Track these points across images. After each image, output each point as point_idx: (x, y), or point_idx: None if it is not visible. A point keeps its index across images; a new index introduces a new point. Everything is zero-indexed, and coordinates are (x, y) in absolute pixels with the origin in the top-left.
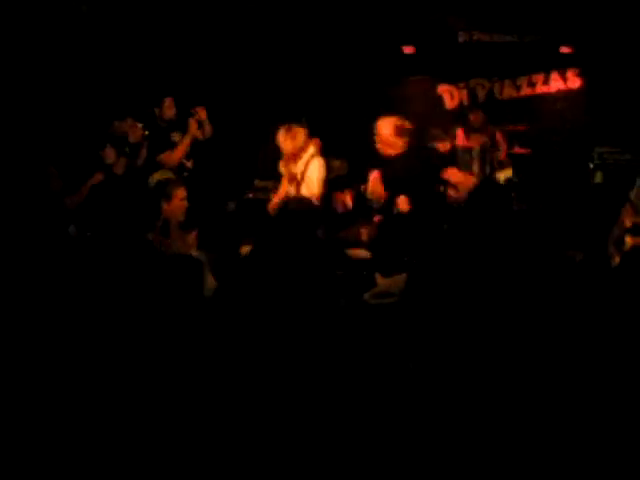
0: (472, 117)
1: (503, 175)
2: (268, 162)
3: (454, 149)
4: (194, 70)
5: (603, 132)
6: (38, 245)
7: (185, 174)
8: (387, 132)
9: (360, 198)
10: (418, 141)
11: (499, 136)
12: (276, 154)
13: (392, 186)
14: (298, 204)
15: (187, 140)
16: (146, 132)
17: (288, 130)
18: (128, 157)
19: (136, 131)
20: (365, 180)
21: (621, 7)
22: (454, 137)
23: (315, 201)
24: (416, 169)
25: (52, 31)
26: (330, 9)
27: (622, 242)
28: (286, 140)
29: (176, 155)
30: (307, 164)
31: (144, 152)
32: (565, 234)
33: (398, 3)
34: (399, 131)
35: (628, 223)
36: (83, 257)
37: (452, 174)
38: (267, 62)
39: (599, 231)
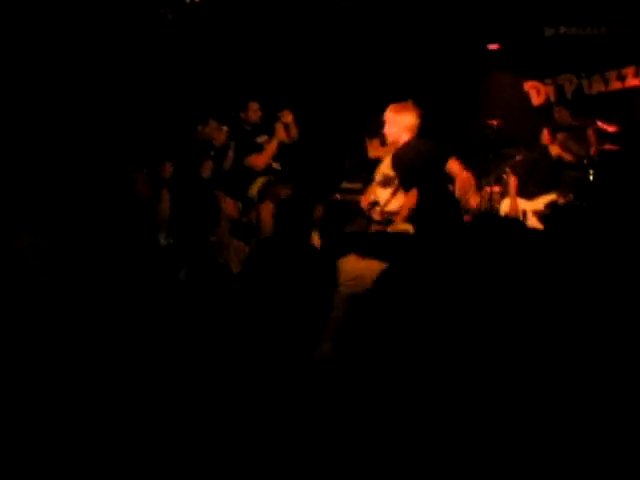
0: (557, 114)
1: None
2: (356, 163)
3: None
4: (279, 72)
5: None
6: (127, 253)
7: (272, 177)
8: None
9: (450, 197)
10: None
11: (591, 133)
12: (364, 155)
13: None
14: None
15: (274, 143)
16: (229, 134)
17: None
18: (214, 160)
19: (221, 134)
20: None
21: None
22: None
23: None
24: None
25: (140, 37)
26: (417, 8)
27: None
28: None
29: (263, 158)
30: None
31: (231, 155)
32: None
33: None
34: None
35: None
36: (171, 267)
37: (452, 166)
38: (355, 60)
39: None
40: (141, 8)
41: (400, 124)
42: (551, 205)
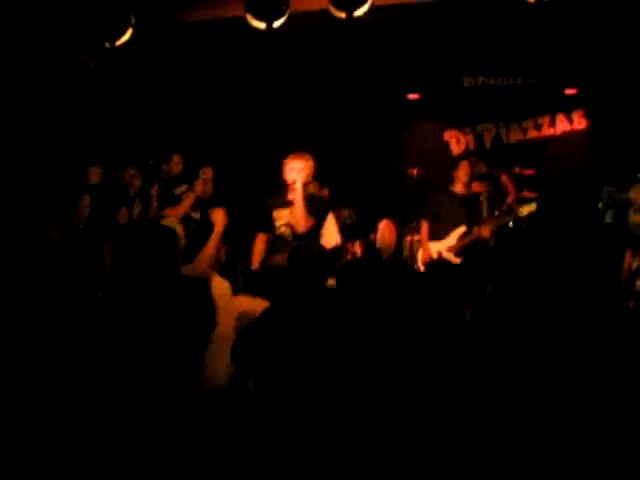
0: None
1: (526, 209)
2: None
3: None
4: (200, 127)
5: (611, 171)
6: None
7: (192, 226)
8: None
9: (370, 247)
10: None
11: (505, 179)
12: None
13: None
14: (309, 250)
15: (192, 197)
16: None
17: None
18: (128, 208)
19: (136, 182)
20: (374, 229)
21: (623, 47)
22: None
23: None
24: None
25: (61, 85)
26: (335, 58)
27: (632, 286)
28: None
29: (181, 209)
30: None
31: (154, 204)
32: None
33: (403, 50)
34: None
35: (634, 265)
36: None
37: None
38: (273, 112)
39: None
40: (63, 55)
41: (296, 168)
42: (463, 236)
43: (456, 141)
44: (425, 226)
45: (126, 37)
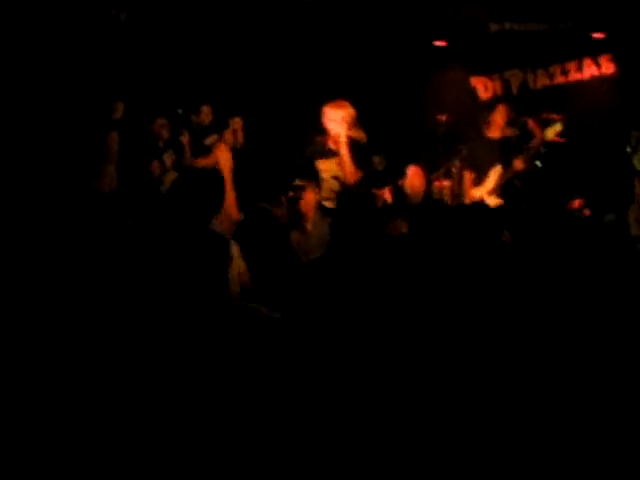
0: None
1: (552, 131)
2: (305, 160)
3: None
4: (229, 77)
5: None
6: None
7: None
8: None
9: (399, 193)
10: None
11: (532, 124)
12: (313, 152)
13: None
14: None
15: (223, 147)
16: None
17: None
18: (159, 159)
19: (164, 133)
20: (403, 175)
21: None
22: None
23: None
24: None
25: (92, 37)
26: (363, 6)
27: None
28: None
29: (211, 160)
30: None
31: (188, 152)
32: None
33: None
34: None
35: None
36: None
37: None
38: (302, 61)
39: None
40: (93, 9)
41: (338, 118)
42: (501, 175)
43: (483, 87)
44: (468, 176)
45: None
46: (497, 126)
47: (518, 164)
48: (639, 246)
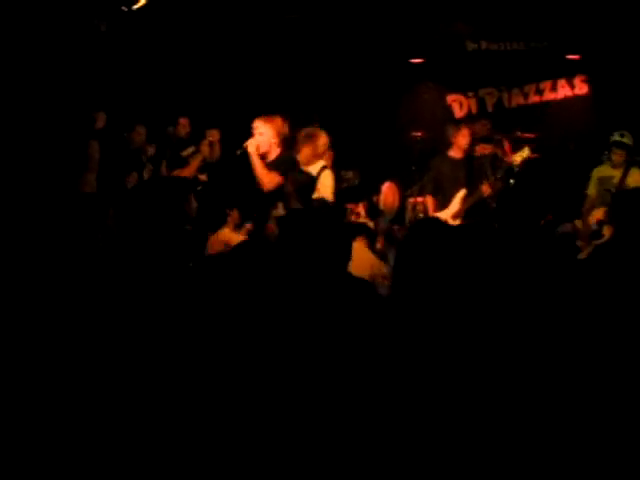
0: (477, 127)
1: (519, 156)
2: None
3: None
4: (207, 90)
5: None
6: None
7: (199, 187)
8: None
9: (373, 209)
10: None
11: (506, 143)
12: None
13: None
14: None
15: (198, 160)
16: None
17: (310, 134)
18: (139, 172)
19: (150, 149)
20: (378, 191)
21: (625, 14)
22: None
23: None
24: None
25: (72, 48)
26: (340, 22)
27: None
28: (306, 143)
29: (186, 172)
30: (319, 175)
31: (164, 167)
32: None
33: (406, 14)
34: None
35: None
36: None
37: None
38: (278, 76)
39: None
40: (75, 18)
41: (257, 131)
42: (464, 198)
43: (459, 105)
44: (429, 200)
45: (142, 1)
46: (458, 147)
47: (485, 189)
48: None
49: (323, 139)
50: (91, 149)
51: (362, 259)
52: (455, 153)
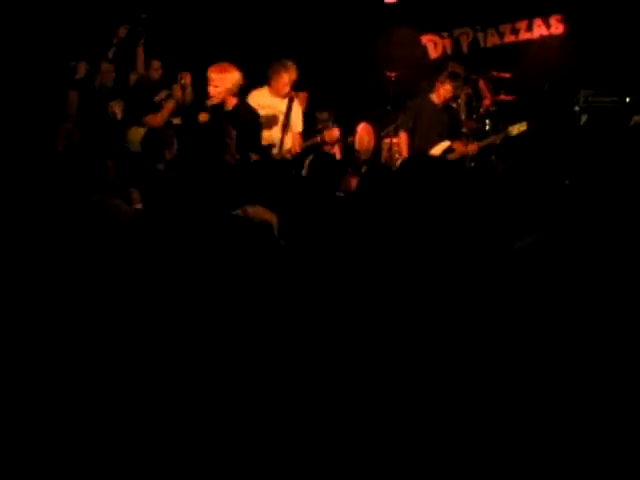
0: (452, 68)
1: (517, 129)
2: None
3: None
4: (180, 32)
5: (588, 76)
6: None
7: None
8: None
9: (348, 149)
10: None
11: (482, 84)
12: None
13: None
14: None
15: (171, 104)
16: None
17: (283, 63)
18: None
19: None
20: (353, 132)
21: None
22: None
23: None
24: None
25: None
26: None
27: None
28: (280, 72)
29: (160, 117)
30: (290, 107)
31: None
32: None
33: None
34: None
35: None
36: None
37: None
38: (251, 17)
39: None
40: None
41: (225, 84)
42: (445, 152)
43: (433, 45)
44: (404, 136)
45: None
46: (440, 96)
47: (472, 148)
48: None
49: (294, 68)
50: (70, 99)
51: None
52: (436, 98)
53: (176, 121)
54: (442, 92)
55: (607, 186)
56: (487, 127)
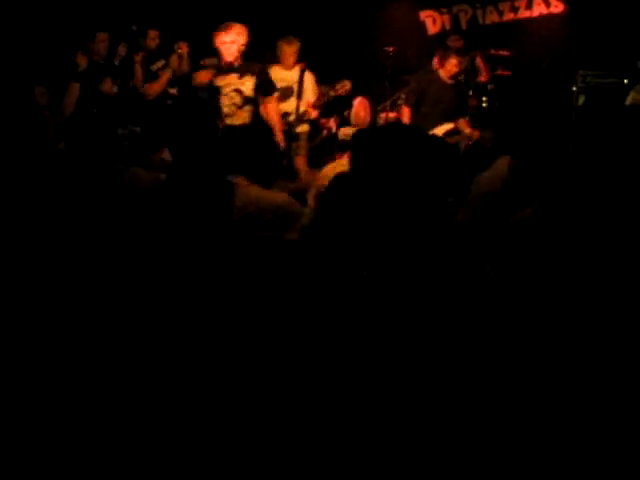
0: (450, 42)
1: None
2: None
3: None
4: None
5: (586, 56)
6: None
7: (169, 102)
8: None
9: (345, 124)
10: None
11: (479, 60)
12: None
13: None
14: None
15: (167, 74)
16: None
17: (289, 38)
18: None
19: (122, 50)
20: (349, 106)
21: None
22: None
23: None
24: None
25: None
26: None
27: None
28: (289, 45)
29: (157, 86)
30: (302, 77)
31: (139, 74)
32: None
33: None
34: None
35: None
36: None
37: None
38: None
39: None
40: None
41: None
42: (448, 133)
43: (432, 21)
44: (406, 111)
45: None
46: (448, 72)
47: (472, 132)
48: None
49: (296, 41)
50: (71, 91)
51: None
52: (444, 75)
53: (172, 91)
54: (449, 67)
55: (603, 163)
56: (484, 104)
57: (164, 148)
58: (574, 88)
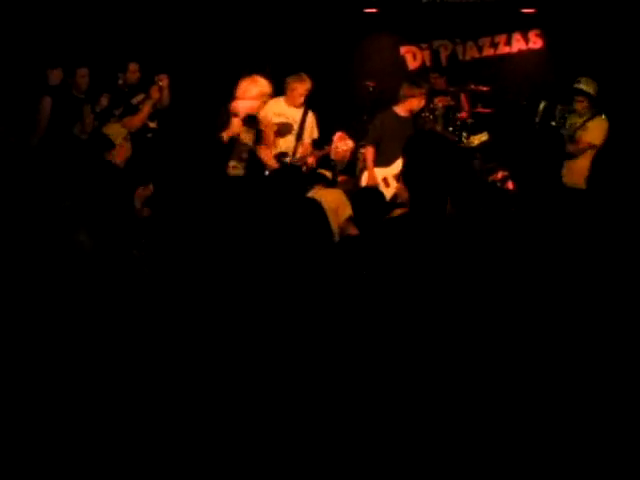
0: (433, 80)
1: (478, 139)
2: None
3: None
4: (157, 35)
5: (565, 91)
6: None
7: (149, 135)
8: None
9: (324, 159)
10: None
11: (464, 98)
12: None
13: None
14: None
15: (148, 106)
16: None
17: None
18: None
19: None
20: (329, 141)
21: None
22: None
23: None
24: None
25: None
26: None
27: None
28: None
29: (138, 119)
30: (305, 116)
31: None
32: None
33: None
34: None
35: None
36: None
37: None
38: (229, 24)
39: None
40: None
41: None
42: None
43: (412, 56)
44: (370, 150)
45: None
46: (407, 108)
47: None
48: None
49: (309, 81)
50: (43, 105)
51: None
52: (401, 111)
53: (152, 125)
54: (414, 103)
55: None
56: (463, 139)
57: (149, 183)
58: (553, 123)
